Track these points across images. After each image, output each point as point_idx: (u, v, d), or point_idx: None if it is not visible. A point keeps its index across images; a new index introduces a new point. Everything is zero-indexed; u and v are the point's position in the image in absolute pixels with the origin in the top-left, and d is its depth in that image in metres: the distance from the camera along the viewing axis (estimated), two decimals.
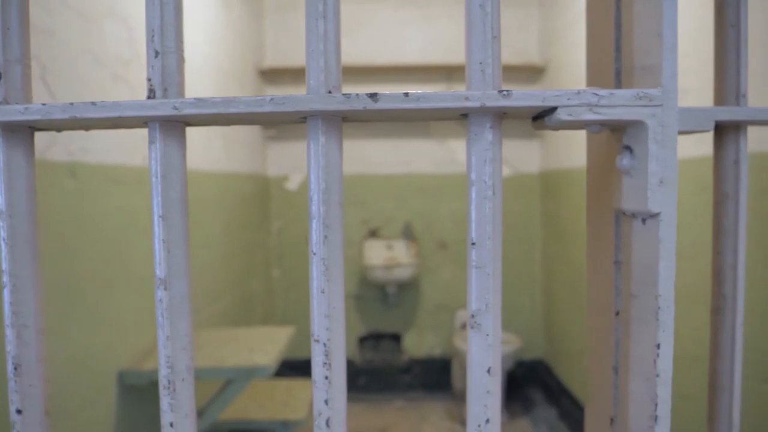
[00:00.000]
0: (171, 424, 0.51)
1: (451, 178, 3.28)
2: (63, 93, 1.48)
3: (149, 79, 0.50)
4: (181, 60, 0.51)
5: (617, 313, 0.57)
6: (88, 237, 1.56)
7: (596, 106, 0.47)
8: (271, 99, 0.48)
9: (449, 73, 3.26)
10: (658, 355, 0.49)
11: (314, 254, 0.50)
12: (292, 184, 3.32)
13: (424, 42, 3.31)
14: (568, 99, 0.47)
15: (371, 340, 3.38)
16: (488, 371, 0.50)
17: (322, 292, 0.50)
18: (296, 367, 3.30)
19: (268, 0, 3.30)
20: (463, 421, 3.00)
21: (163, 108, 0.48)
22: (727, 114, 0.56)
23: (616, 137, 0.52)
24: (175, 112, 0.48)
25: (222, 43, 2.67)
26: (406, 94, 0.47)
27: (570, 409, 2.84)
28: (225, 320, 2.57)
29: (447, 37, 3.30)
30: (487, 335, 0.50)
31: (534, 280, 3.36)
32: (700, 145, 1.85)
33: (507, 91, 0.47)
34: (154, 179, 0.50)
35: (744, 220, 0.58)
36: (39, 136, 1.51)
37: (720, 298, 0.60)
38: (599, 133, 0.51)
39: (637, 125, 0.48)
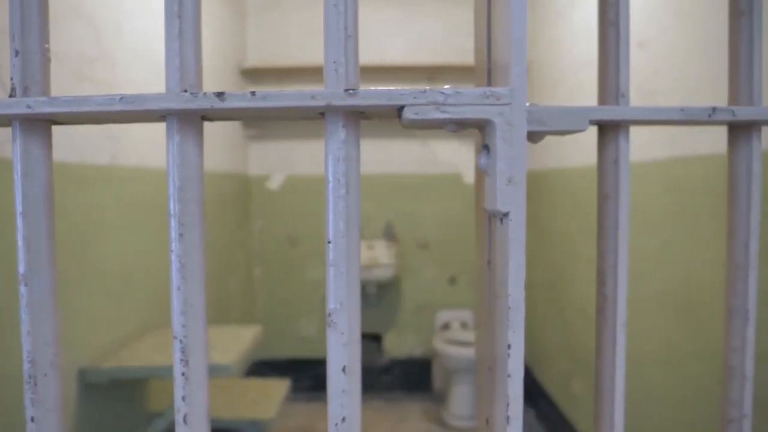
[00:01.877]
0: (32, 419, 0.52)
1: (433, 178, 3.28)
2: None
3: (12, 78, 0.51)
4: (45, 60, 0.51)
5: (490, 314, 0.57)
6: None
7: (442, 104, 0.47)
8: (122, 98, 0.48)
9: (432, 73, 3.26)
10: (509, 355, 0.49)
11: (171, 251, 0.51)
12: (274, 184, 3.32)
13: (407, 42, 3.31)
14: (414, 98, 0.47)
15: None
16: (343, 370, 0.50)
17: (178, 289, 0.50)
18: (277, 367, 3.30)
19: (250, 0, 3.31)
20: (441, 422, 3.00)
21: (18, 107, 0.48)
22: (602, 113, 0.55)
23: (483, 137, 0.52)
24: (29, 111, 0.48)
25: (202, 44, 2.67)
26: (253, 93, 0.47)
27: (547, 411, 2.84)
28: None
29: (430, 37, 3.30)
30: (342, 333, 0.50)
31: None
32: (669, 146, 1.85)
33: (353, 89, 0.47)
34: (16, 177, 0.51)
35: (625, 221, 0.58)
36: None
37: (602, 299, 0.60)
38: (457, 131, 0.51)
39: (489, 124, 0.48)
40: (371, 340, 3.41)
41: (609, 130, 0.59)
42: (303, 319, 3.36)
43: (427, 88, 0.47)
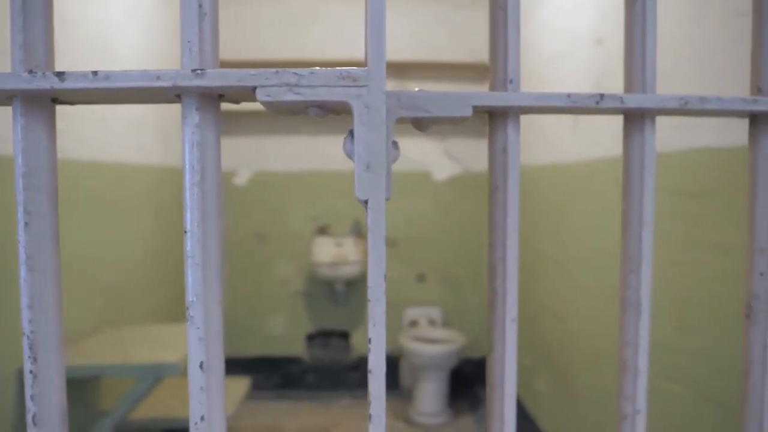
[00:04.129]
0: None
1: (401, 175, 3.26)
2: None
3: None
4: None
5: None
6: None
7: (296, 86, 0.44)
8: None
9: (401, 70, 3.24)
10: (369, 350, 0.47)
11: (18, 242, 0.48)
12: (240, 180, 3.28)
13: None
14: (266, 79, 0.44)
15: (320, 337, 3.36)
16: (201, 366, 0.47)
17: (25, 281, 0.47)
18: (244, 365, 3.27)
19: None
20: (407, 420, 2.99)
21: None
22: (485, 99, 0.53)
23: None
24: None
25: (161, 37, 2.63)
26: (95, 73, 0.44)
27: None
28: (160, 316, 2.54)
29: (399, 35, 3.27)
30: (198, 328, 0.47)
31: (484, 277, 3.35)
32: (619, 144, 1.84)
33: (201, 70, 0.44)
34: None
35: (514, 213, 0.56)
36: None
37: (492, 293, 0.58)
38: (322, 116, 0.49)
39: (349, 108, 0.46)
40: (339, 337, 3.39)
41: (498, 118, 0.57)
42: (270, 317, 3.32)
43: (280, 69, 0.44)
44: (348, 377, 3.31)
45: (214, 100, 0.47)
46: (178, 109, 0.47)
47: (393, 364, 3.34)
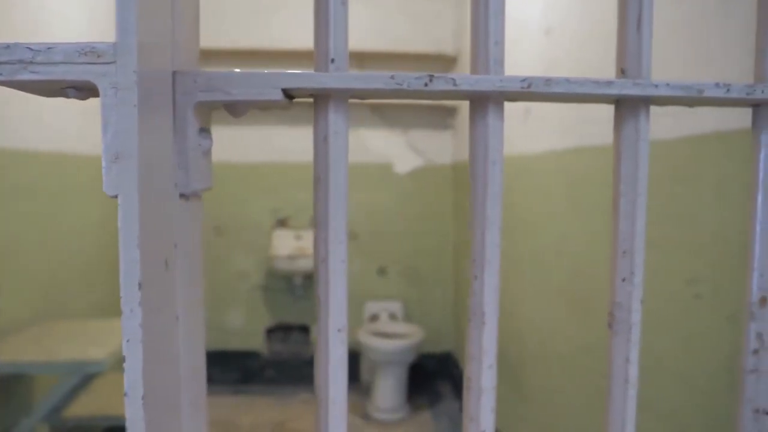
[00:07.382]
0: None
1: (363, 167, 3.20)
2: None
3: None
4: None
5: None
6: None
7: (32, 63, 0.38)
8: None
9: (361, 60, 3.17)
10: (125, 369, 0.41)
11: None
12: None
13: None
14: None
15: (279, 331, 3.30)
16: None
17: None
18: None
19: None
20: (365, 415, 2.94)
21: None
22: (296, 81, 0.48)
23: None
24: None
25: (107, 27, 2.54)
26: None
27: None
28: (106, 310, 2.46)
29: (360, 25, 3.20)
30: None
31: (446, 272, 3.30)
32: (566, 136, 1.79)
33: None
34: None
35: (339, 207, 0.51)
36: None
37: (316, 300, 0.53)
38: (83, 99, 0.43)
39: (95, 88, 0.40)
40: (299, 331, 3.33)
41: (321, 102, 0.51)
42: (229, 310, 3.26)
43: (13, 43, 0.38)
44: (307, 372, 3.26)
45: None
46: None
47: (354, 358, 3.29)
